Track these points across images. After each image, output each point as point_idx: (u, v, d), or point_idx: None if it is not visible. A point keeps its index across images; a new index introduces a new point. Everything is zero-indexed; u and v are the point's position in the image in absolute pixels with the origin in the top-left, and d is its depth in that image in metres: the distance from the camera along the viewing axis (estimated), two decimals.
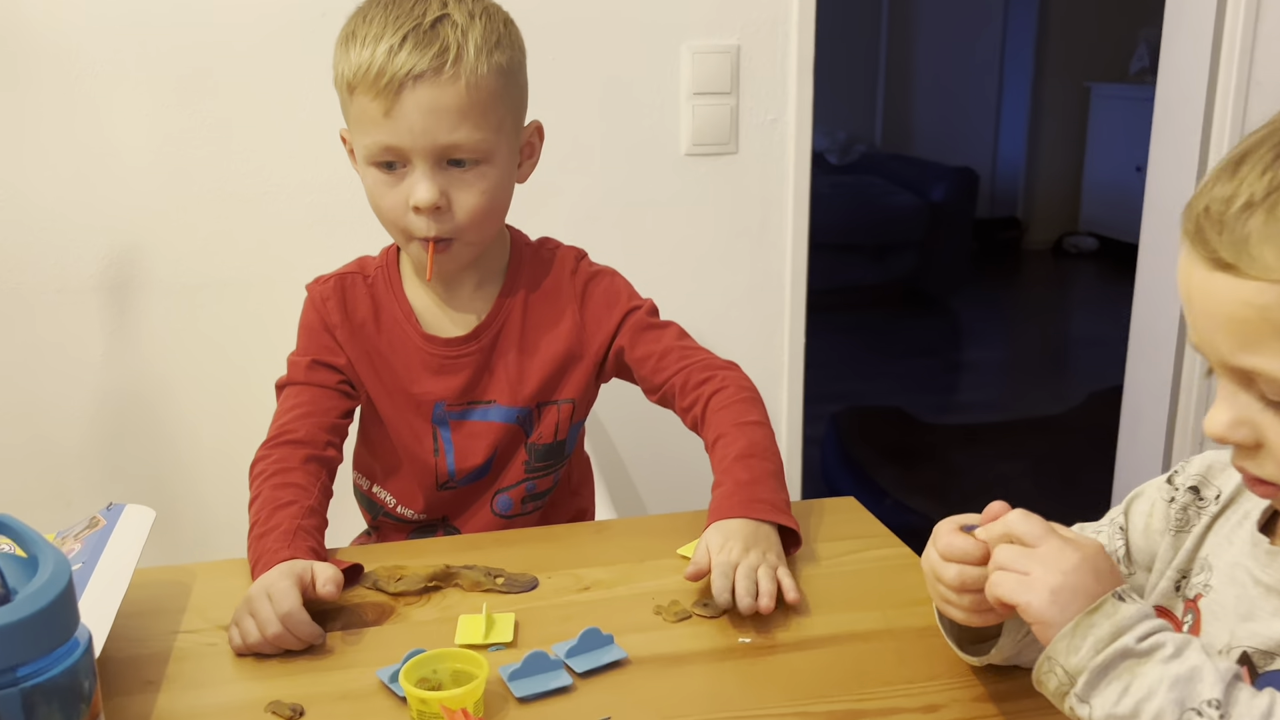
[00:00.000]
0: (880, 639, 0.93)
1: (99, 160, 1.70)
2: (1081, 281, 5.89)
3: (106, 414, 1.80)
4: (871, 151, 5.98)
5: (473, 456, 1.25)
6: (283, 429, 1.18)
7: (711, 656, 0.91)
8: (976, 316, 5.13)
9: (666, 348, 1.24)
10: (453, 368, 1.23)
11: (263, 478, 1.12)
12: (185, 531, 1.85)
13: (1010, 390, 4.07)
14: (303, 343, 1.25)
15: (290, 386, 1.23)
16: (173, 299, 1.78)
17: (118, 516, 0.98)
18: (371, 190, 1.15)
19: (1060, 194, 6.25)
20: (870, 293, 4.95)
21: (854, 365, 4.18)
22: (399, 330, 1.23)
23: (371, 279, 1.25)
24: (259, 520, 1.07)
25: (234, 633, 0.94)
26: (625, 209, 1.89)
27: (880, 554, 1.10)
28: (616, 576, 1.05)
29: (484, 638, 0.93)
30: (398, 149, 1.10)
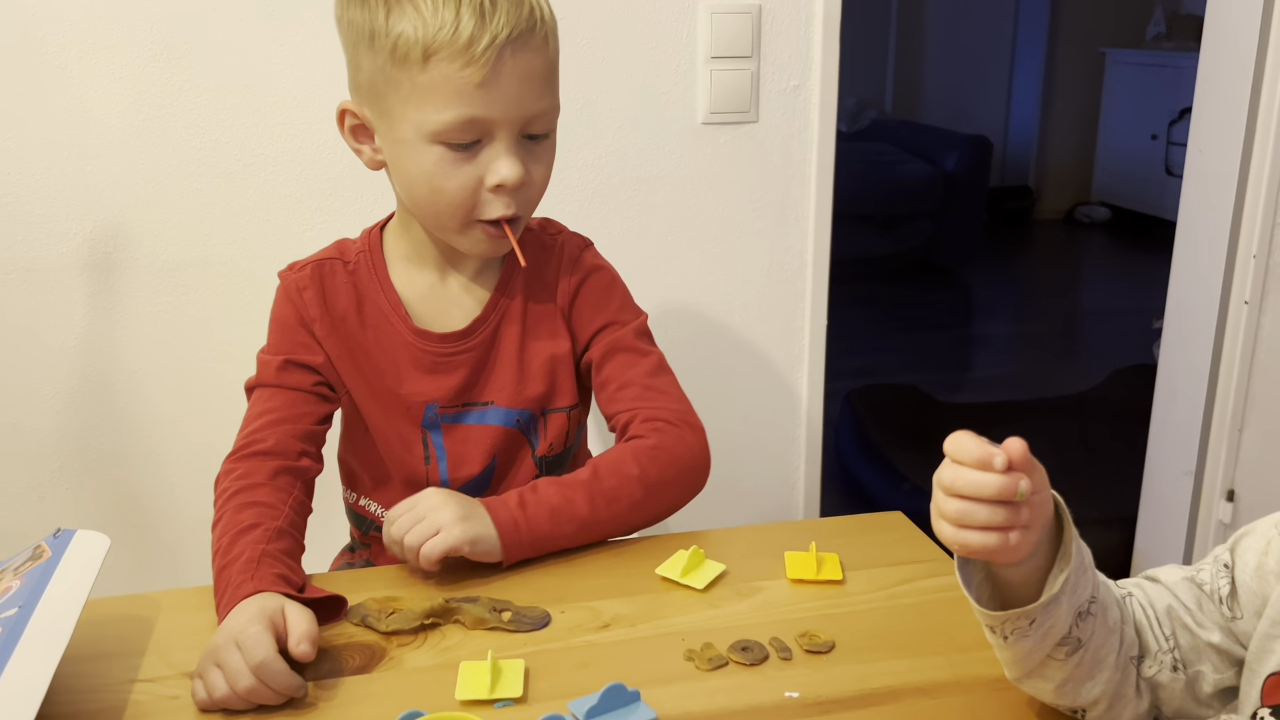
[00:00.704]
0: (948, 693, 0.81)
1: (70, 131, 1.56)
2: (1094, 252, 5.75)
3: (81, 402, 1.67)
4: (882, 118, 5.82)
5: (468, 465, 1.12)
6: (250, 438, 1.05)
7: (755, 715, 0.78)
8: (988, 289, 4.99)
9: (630, 380, 1.11)
10: (447, 366, 1.10)
11: (226, 496, 1.00)
12: (163, 533, 1.73)
13: (1027, 366, 3.94)
14: (274, 339, 1.11)
15: (260, 389, 1.10)
16: (152, 279, 1.65)
17: (65, 546, 0.85)
18: (431, 171, 0.99)
19: (1073, 162, 6.11)
20: (880, 265, 4.81)
21: (864, 340, 4.05)
22: (385, 324, 1.10)
23: (353, 265, 1.11)
24: (220, 549, 0.94)
25: (198, 687, 0.81)
26: (638, 182, 1.75)
27: (938, 583, 0.97)
28: (639, 611, 0.92)
29: (489, 691, 0.80)
30: (485, 122, 0.97)
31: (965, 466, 0.69)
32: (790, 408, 1.94)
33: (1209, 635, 0.77)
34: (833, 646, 0.86)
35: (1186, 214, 2.13)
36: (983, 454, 0.68)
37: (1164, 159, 5.44)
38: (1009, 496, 0.68)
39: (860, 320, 4.26)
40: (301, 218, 1.65)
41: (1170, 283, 2.17)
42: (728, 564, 0.99)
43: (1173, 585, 0.80)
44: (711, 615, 0.91)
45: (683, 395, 1.13)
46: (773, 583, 0.97)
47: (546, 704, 0.79)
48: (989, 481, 0.67)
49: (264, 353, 1.11)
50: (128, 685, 0.82)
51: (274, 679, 0.79)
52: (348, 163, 1.64)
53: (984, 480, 0.68)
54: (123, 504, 1.72)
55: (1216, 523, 2.09)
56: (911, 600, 0.94)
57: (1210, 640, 0.77)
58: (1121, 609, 0.78)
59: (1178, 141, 5.33)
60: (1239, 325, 2.00)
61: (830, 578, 0.96)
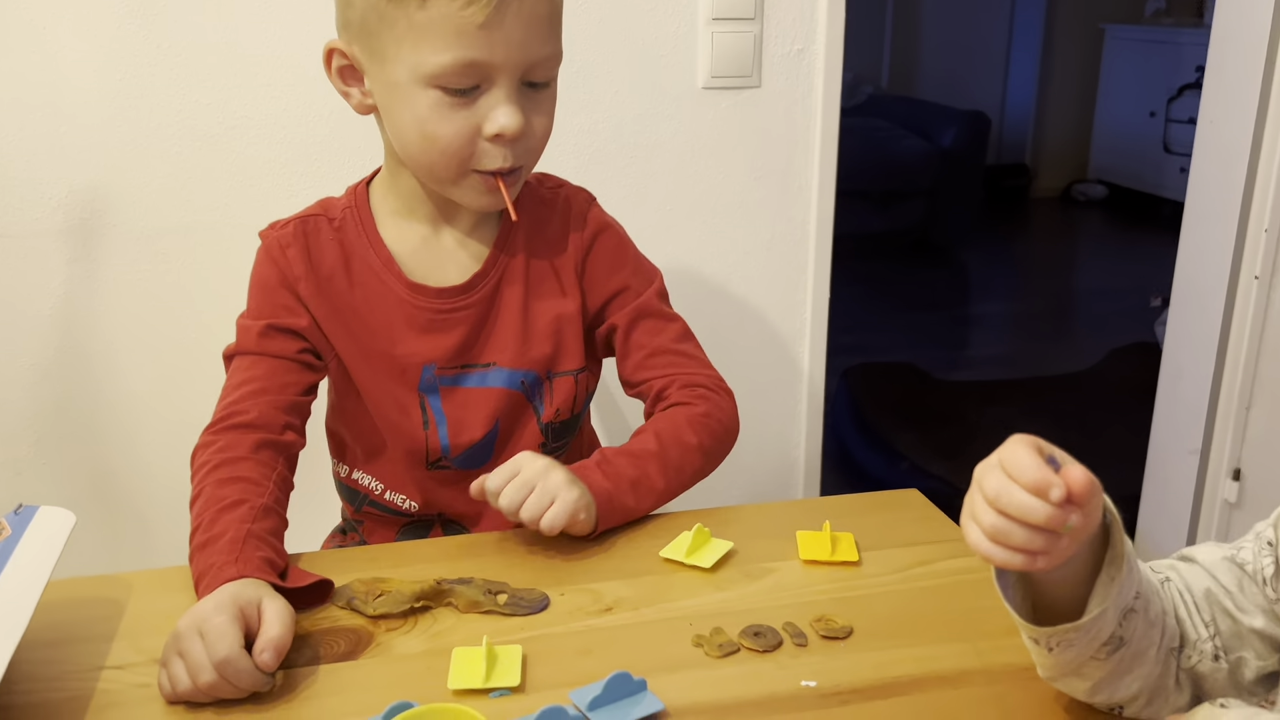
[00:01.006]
0: (974, 682, 0.75)
1: (43, 91, 1.49)
2: (1090, 231, 5.70)
3: (57, 374, 1.61)
4: (878, 93, 5.74)
5: (470, 430, 1.05)
6: (230, 409, 0.99)
7: (769, 706, 0.73)
8: (984, 267, 4.94)
9: (660, 346, 1.10)
10: (445, 324, 1.03)
11: (205, 470, 0.94)
12: (141, 511, 1.67)
13: (1023, 345, 3.90)
14: (255, 302, 1.05)
15: (241, 357, 1.03)
16: (130, 246, 1.58)
17: (27, 523, 0.79)
18: (425, 116, 0.93)
19: (1070, 140, 6.05)
20: (876, 242, 4.75)
21: (860, 318, 4.00)
22: (376, 281, 1.03)
23: (339, 221, 1.05)
24: (200, 525, 0.88)
25: (162, 676, 0.75)
26: (636, 148, 1.69)
27: (959, 564, 0.91)
28: (644, 593, 0.87)
29: (485, 680, 0.75)
30: (485, 66, 0.91)
31: (1017, 484, 0.62)
32: (791, 383, 1.89)
33: (1251, 620, 0.72)
34: (850, 632, 0.81)
35: (1196, 187, 2.08)
36: (1040, 479, 0.61)
37: (1163, 136, 5.38)
38: (1055, 528, 0.62)
39: (855, 298, 4.20)
40: (286, 183, 1.59)
41: (1178, 258, 2.12)
42: (735, 544, 0.94)
43: (1211, 566, 0.75)
44: (720, 598, 0.86)
45: (709, 361, 1.12)
46: (784, 564, 0.91)
47: (546, 693, 0.74)
48: (1037, 510, 0.61)
49: (244, 317, 1.05)
50: (94, 673, 0.77)
51: (236, 677, 0.73)
52: (334, 126, 1.59)
53: (1033, 507, 0.61)
54: (100, 480, 1.66)
55: (1222, 502, 2.05)
56: (931, 583, 0.88)
57: (1253, 625, 0.72)
58: (1161, 599, 0.72)
59: (1177, 119, 5.27)
60: (1249, 301, 1.96)
61: (845, 559, 0.91)
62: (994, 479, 0.63)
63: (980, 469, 0.66)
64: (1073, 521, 0.61)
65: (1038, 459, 0.62)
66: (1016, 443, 0.64)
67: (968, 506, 0.66)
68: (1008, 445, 0.65)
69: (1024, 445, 0.64)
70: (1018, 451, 0.63)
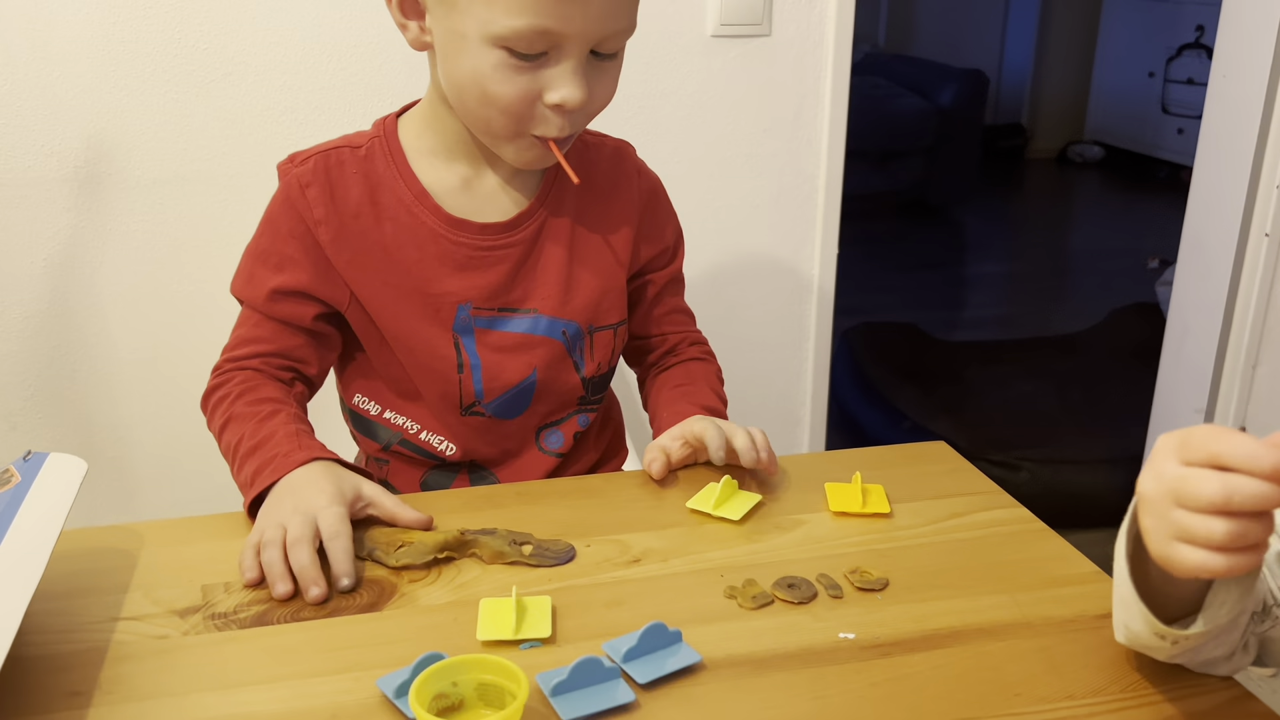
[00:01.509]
0: (1018, 634, 0.73)
1: (32, 37, 1.44)
2: (1087, 192, 5.67)
3: (52, 327, 1.57)
4: (875, 51, 5.68)
5: (505, 375, 1.02)
6: (235, 360, 0.98)
7: (807, 659, 0.71)
8: (982, 228, 4.91)
9: (677, 305, 1.16)
10: (483, 261, 0.99)
11: (228, 400, 0.93)
12: (141, 463, 1.64)
13: (1022, 305, 3.88)
14: (263, 245, 1.00)
15: (249, 311, 1.01)
16: (126, 196, 1.54)
17: (36, 470, 0.76)
18: (487, 75, 0.88)
19: (1067, 100, 6.00)
20: (873, 201, 4.71)
21: (859, 279, 3.97)
22: (408, 215, 0.98)
23: (365, 151, 0.99)
24: (243, 437, 0.89)
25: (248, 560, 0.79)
26: (644, 98, 1.66)
27: (993, 516, 0.89)
28: (673, 545, 0.84)
29: (515, 632, 0.72)
30: (556, 35, 0.86)
31: (1245, 474, 0.54)
32: (798, 342, 1.86)
33: None
34: (886, 584, 0.79)
35: (1207, 142, 2.05)
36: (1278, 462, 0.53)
37: (1161, 97, 5.34)
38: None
39: (853, 258, 4.16)
40: (286, 131, 1.55)
41: (1186, 215, 2.09)
42: (762, 496, 0.92)
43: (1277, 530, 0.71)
44: (750, 550, 0.83)
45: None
46: (814, 516, 0.89)
47: (578, 645, 0.71)
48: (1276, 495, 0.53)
49: (253, 262, 1.00)
50: (109, 624, 0.74)
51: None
52: (334, 73, 1.54)
53: (1270, 494, 0.53)
54: (98, 433, 1.63)
55: None
56: (966, 535, 0.86)
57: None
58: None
59: (1176, 79, 5.23)
60: (1258, 258, 1.94)
61: (877, 510, 0.89)
62: (1215, 482, 0.55)
63: (1173, 482, 0.57)
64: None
65: (1255, 441, 0.54)
66: (1213, 432, 0.56)
67: (1173, 531, 0.57)
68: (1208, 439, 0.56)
69: (1227, 432, 0.55)
70: (1235, 439, 0.54)
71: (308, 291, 0.99)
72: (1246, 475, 0.54)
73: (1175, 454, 0.57)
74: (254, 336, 0.99)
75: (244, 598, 0.77)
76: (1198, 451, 0.56)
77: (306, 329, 1.00)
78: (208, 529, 0.87)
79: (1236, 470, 0.54)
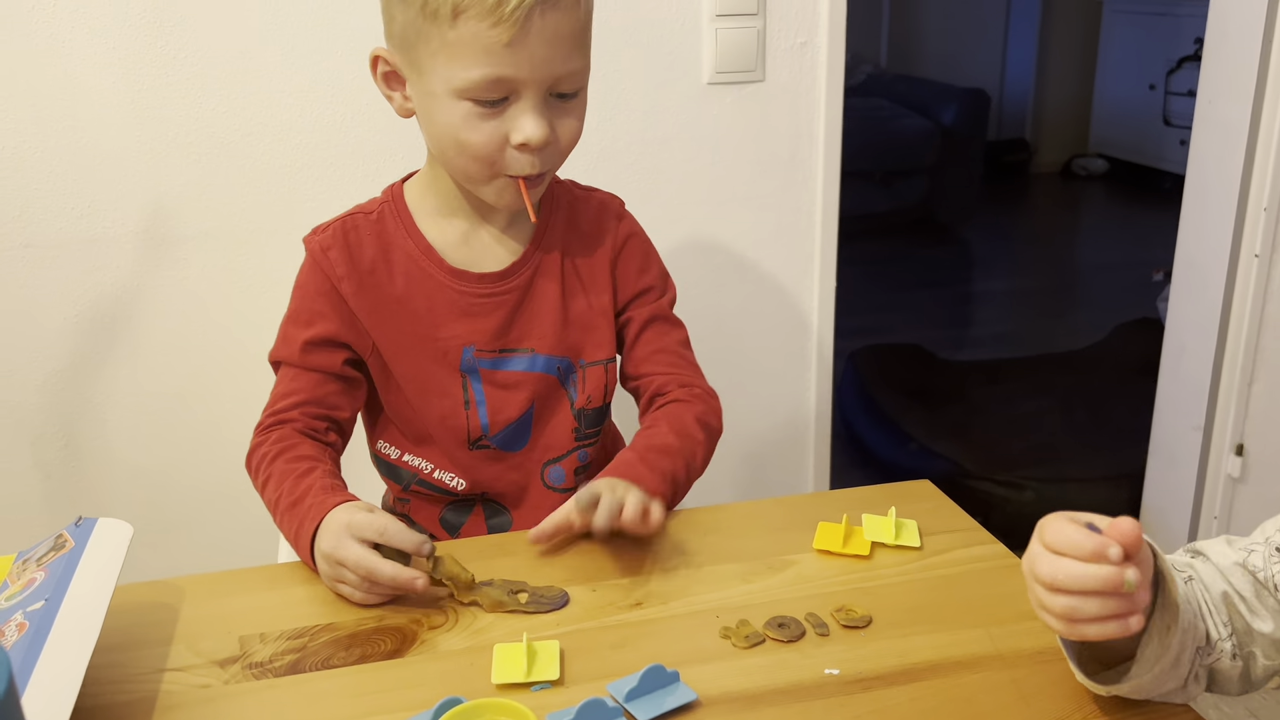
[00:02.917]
0: (991, 667, 0.79)
1: (60, 100, 1.52)
2: (1092, 205, 5.71)
3: (82, 380, 1.65)
4: (877, 73, 5.75)
5: (507, 409, 1.12)
6: (276, 416, 1.07)
7: (796, 694, 0.77)
8: (987, 245, 4.96)
9: (665, 347, 1.17)
10: (484, 308, 1.09)
11: (268, 460, 1.01)
12: (171, 527, 1.71)
13: (1028, 323, 3.93)
14: (295, 307, 1.11)
15: (286, 367, 1.10)
16: (147, 253, 1.61)
17: (88, 535, 0.83)
18: (458, 125, 0.98)
19: (1070, 114, 6.05)
20: (878, 221, 4.77)
21: (863, 298, 4.02)
22: (417, 269, 1.09)
23: (376, 215, 1.11)
24: (282, 494, 0.97)
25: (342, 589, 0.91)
26: (645, 144, 1.72)
27: (973, 553, 0.95)
28: (673, 588, 0.91)
29: (526, 675, 0.79)
30: (511, 81, 0.96)
31: (1067, 557, 0.64)
32: (800, 369, 1.92)
33: (1261, 625, 0.75)
34: (869, 621, 0.85)
35: (1196, 165, 2.10)
36: (1097, 547, 0.63)
37: (1162, 109, 5.39)
38: (1114, 589, 0.63)
39: (859, 278, 4.22)
40: (303, 188, 1.62)
41: (1179, 235, 2.15)
42: (759, 540, 0.98)
43: (1226, 570, 0.77)
44: (745, 591, 0.90)
45: (702, 371, 1.20)
46: (803, 556, 0.95)
47: (584, 686, 0.78)
48: (1094, 575, 0.63)
49: (287, 324, 1.11)
50: (157, 675, 0.81)
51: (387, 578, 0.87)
52: (348, 131, 1.62)
53: (1089, 573, 0.63)
54: (130, 480, 1.70)
55: (1225, 477, 2.09)
56: (945, 572, 0.92)
57: (1262, 630, 0.75)
58: (1192, 606, 0.74)
59: (1176, 91, 5.28)
60: (1249, 279, 1.99)
61: (856, 551, 0.95)
62: (1046, 564, 0.65)
63: (1028, 561, 0.67)
64: (1130, 578, 0.63)
65: (1081, 529, 0.64)
66: (1054, 520, 0.66)
67: (1034, 601, 0.67)
68: (1047, 527, 0.66)
69: (1062, 520, 0.65)
70: (1061, 529, 0.65)
71: (336, 338, 1.09)
72: (1073, 559, 0.64)
73: (1036, 535, 0.68)
74: (291, 390, 1.08)
75: (279, 647, 0.84)
76: (1048, 532, 0.66)
77: (337, 375, 1.09)
78: (242, 582, 0.94)
79: (1064, 555, 0.64)
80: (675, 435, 1.08)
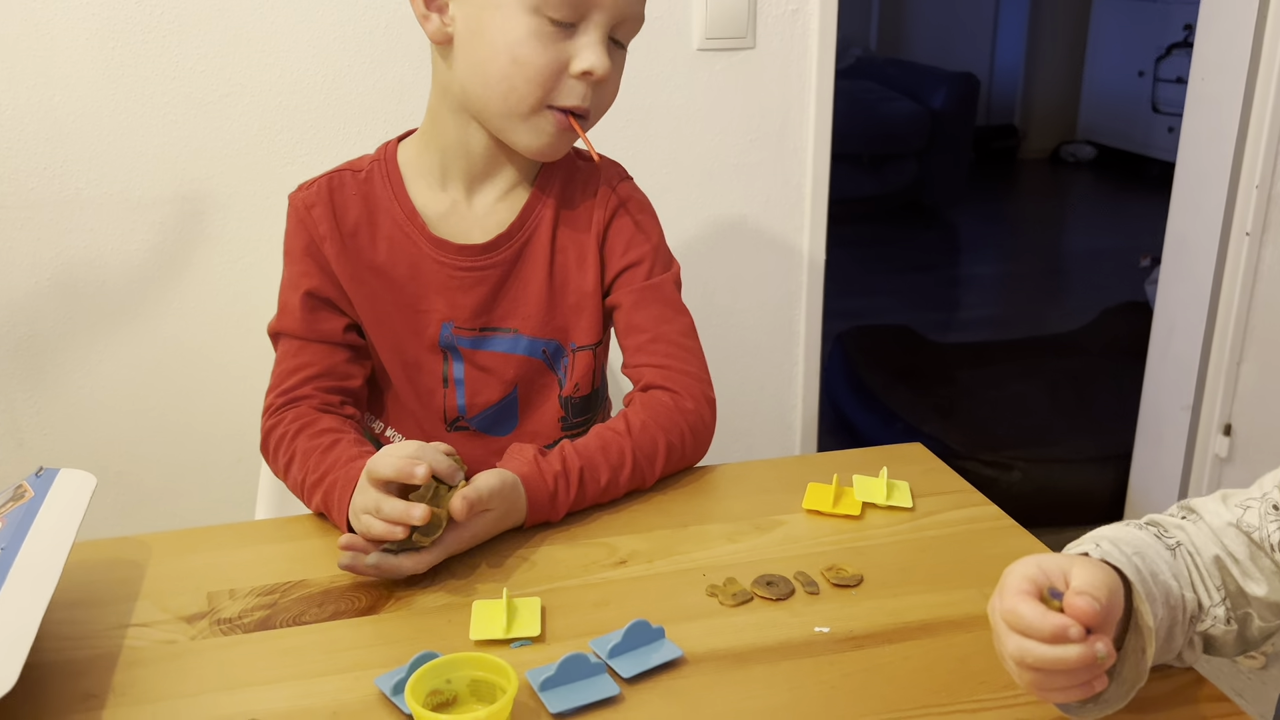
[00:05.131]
0: (985, 627, 0.76)
1: (33, 57, 1.48)
2: (1080, 192, 5.71)
3: (59, 345, 1.61)
4: (867, 56, 5.72)
5: (487, 392, 1.06)
6: (285, 396, 1.01)
7: (785, 652, 0.75)
8: (975, 230, 4.95)
9: (663, 335, 1.05)
10: (465, 282, 1.03)
11: (287, 438, 0.96)
12: (145, 483, 1.68)
13: (1016, 306, 3.92)
14: (287, 273, 1.05)
15: (287, 340, 1.04)
16: (129, 215, 1.58)
17: (49, 485, 0.80)
18: (521, 40, 0.93)
19: (1059, 101, 6.05)
20: (866, 205, 4.76)
21: (852, 281, 4.01)
22: (400, 235, 1.03)
23: (365, 174, 1.05)
24: (308, 470, 0.92)
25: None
26: (632, 111, 1.69)
27: (965, 514, 0.93)
28: (656, 547, 0.88)
29: (506, 631, 0.76)
30: (590, 6, 0.93)
31: (1032, 640, 0.61)
32: (788, 345, 1.90)
33: (1255, 589, 0.72)
34: (860, 580, 0.83)
35: (1188, 143, 2.09)
36: (1056, 630, 0.60)
37: (1151, 96, 5.38)
38: (1090, 664, 0.61)
39: (847, 261, 4.21)
40: (281, 150, 1.59)
41: (1169, 215, 2.13)
42: (747, 500, 0.95)
43: (1219, 531, 0.74)
44: (731, 550, 0.87)
45: (705, 364, 1.07)
46: (792, 516, 0.93)
47: (566, 643, 0.75)
48: (1066, 657, 0.60)
49: (284, 290, 1.05)
50: (121, 631, 0.78)
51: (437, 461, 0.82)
52: (328, 93, 1.58)
53: (1060, 656, 0.60)
54: (105, 449, 1.66)
55: (1213, 457, 2.07)
56: (938, 533, 0.90)
57: (1255, 594, 0.72)
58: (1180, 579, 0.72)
59: (1165, 78, 5.27)
60: (1239, 257, 1.97)
61: (847, 512, 0.92)
62: (1013, 643, 0.62)
63: (994, 618, 0.64)
64: (1101, 649, 0.60)
65: (1039, 608, 0.61)
66: (1013, 592, 0.63)
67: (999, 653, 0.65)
68: (1006, 594, 0.63)
69: (1021, 597, 0.62)
70: (1019, 608, 0.62)
71: (333, 301, 1.03)
72: (1035, 640, 0.61)
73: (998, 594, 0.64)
74: (297, 365, 1.02)
75: (249, 603, 0.81)
76: (1004, 604, 0.63)
77: (342, 343, 1.04)
78: (212, 539, 0.90)
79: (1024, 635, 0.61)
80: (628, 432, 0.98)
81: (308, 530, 0.92)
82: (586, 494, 0.94)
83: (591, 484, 0.94)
